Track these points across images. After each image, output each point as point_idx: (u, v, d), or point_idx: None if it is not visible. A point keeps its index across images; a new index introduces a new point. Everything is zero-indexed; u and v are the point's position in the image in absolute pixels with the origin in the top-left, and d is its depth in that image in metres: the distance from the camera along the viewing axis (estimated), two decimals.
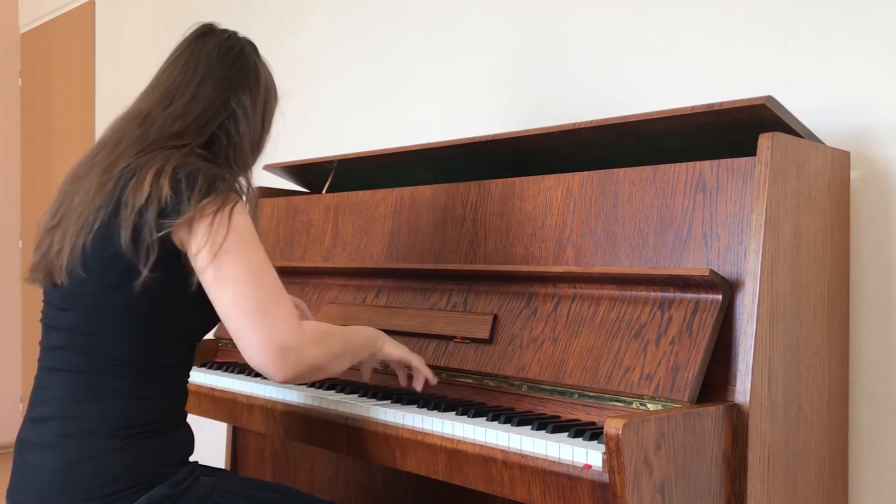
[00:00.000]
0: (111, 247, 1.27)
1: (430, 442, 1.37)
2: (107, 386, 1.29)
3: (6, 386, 4.71)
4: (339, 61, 2.76)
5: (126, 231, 1.26)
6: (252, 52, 1.49)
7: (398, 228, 1.91)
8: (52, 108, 4.51)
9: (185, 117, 1.38)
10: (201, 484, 1.34)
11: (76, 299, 1.31)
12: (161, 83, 1.43)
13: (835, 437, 1.47)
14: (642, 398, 1.33)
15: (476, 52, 2.32)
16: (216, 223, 1.26)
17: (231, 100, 1.41)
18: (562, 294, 1.52)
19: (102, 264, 1.28)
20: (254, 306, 1.25)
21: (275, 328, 1.25)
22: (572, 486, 1.17)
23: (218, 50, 1.45)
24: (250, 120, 1.43)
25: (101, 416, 1.28)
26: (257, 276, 1.27)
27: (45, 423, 1.31)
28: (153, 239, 1.25)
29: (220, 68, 1.43)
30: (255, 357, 1.26)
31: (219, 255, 1.25)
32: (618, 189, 1.52)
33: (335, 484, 2.11)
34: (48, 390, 1.33)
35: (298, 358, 1.27)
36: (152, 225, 1.25)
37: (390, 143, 2.43)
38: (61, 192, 1.40)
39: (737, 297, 1.32)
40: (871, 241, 1.58)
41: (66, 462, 1.27)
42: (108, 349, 1.30)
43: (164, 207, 1.26)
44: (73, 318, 1.32)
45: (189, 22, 1.54)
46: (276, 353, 1.25)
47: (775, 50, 1.72)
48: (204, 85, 1.41)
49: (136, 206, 1.26)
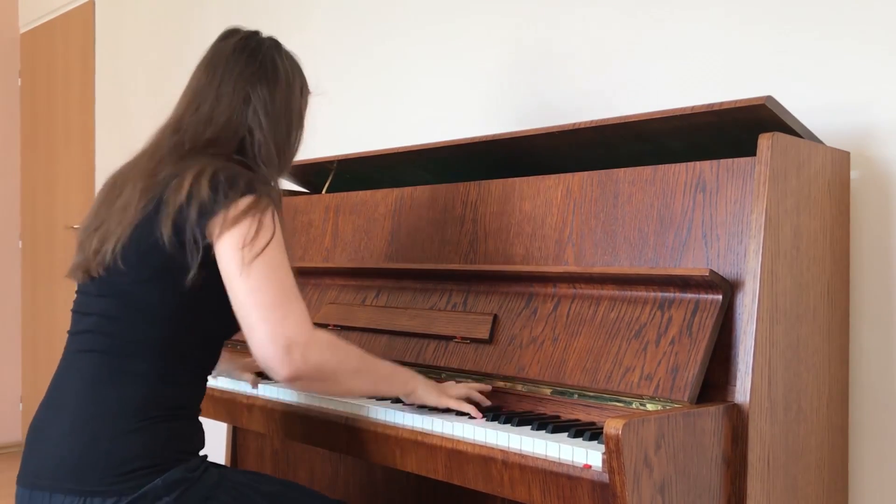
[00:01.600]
0: (150, 240, 1.30)
1: (430, 442, 1.37)
2: (129, 368, 1.32)
3: (6, 386, 4.71)
4: (339, 61, 2.76)
5: (167, 228, 1.29)
6: (271, 48, 1.49)
7: (398, 228, 1.91)
8: (52, 108, 4.50)
9: (214, 122, 1.41)
10: (211, 474, 1.36)
11: (111, 287, 1.35)
12: (189, 89, 1.47)
13: (835, 437, 1.47)
14: (642, 398, 1.33)
15: (476, 52, 2.32)
16: (248, 219, 1.29)
17: (251, 96, 1.43)
18: (562, 294, 1.52)
19: (140, 257, 1.32)
20: (267, 298, 1.27)
21: (284, 321, 1.27)
22: (572, 486, 1.17)
23: (233, 49, 1.47)
24: (271, 114, 1.44)
25: (120, 398, 1.30)
26: (276, 273, 1.29)
27: (64, 405, 1.33)
28: (195, 236, 1.29)
29: (237, 67, 1.45)
30: (261, 348, 1.27)
31: (243, 248, 1.28)
32: (618, 189, 1.51)
33: (335, 483, 2.11)
34: (72, 371, 1.36)
35: (303, 355, 1.27)
36: (193, 222, 1.29)
37: (390, 143, 2.43)
38: (101, 197, 1.43)
39: (737, 297, 1.32)
40: (871, 241, 1.58)
41: (83, 441, 1.29)
42: (134, 333, 1.33)
43: (204, 205, 1.29)
44: (105, 304, 1.35)
45: (189, 22, 1.55)
46: (282, 346, 1.26)
47: (775, 50, 1.72)
48: (224, 86, 1.43)
49: (176, 203, 1.30)
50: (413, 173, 2.08)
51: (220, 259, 1.30)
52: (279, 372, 1.27)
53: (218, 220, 1.29)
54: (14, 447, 4.53)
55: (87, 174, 4.17)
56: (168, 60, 3.57)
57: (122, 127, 3.91)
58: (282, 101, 1.47)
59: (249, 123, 1.43)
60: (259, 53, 1.47)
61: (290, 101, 1.49)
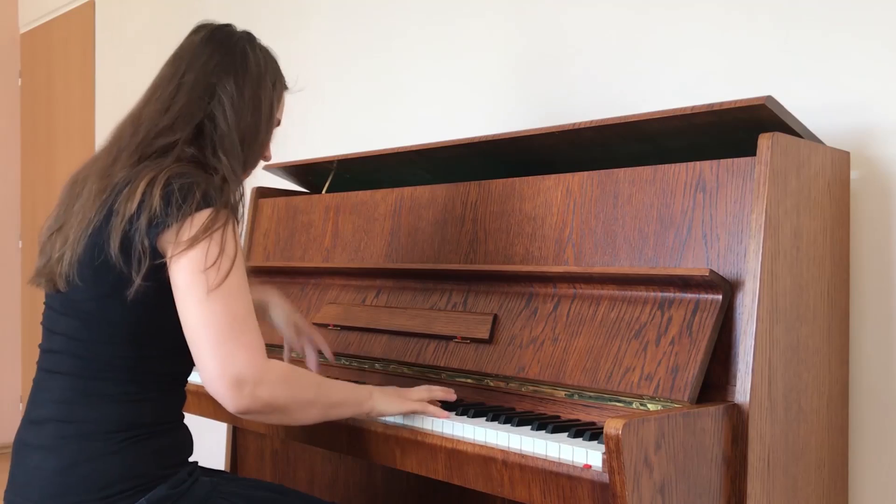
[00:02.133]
0: (101, 255, 1.26)
1: (430, 442, 1.37)
2: (101, 390, 1.29)
3: (6, 386, 4.71)
4: (339, 61, 2.76)
5: (115, 240, 1.25)
6: (242, 40, 1.44)
7: (398, 228, 1.91)
8: (52, 108, 4.50)
9: (171, 109, 1.35)
10: (201, 484, 1.34)
11: (73, 305, 1.31)
12: (152, 83, 1.42)
13: (835, 437, 1.47)
14: (642, 398, 1.33)
15: (476, 52, 2.32)
16: (204, 241, 1.24)
17: (216, 86, 1.37)
18: (562, 294, 1.52)
19: (94, 273, 1.28)
20: (218, 333, 1.22)
21: (232, 358, 1.22)
22: (572, 486, 1.17)
23: (201, 40, 1.42)
24: (237, 105, 1.38)
25: (97, 419, 1.28)
26: (227, 302, 1.23)
27: (42, 424, 1.31)
28: (143, 247, 1.24)
29: (203, 57, 1.40)
30: (210, 384, 1.23)
31: (195, 270, 1.23)
32: (618, 189, 1.51)
33: (335, 484, 2.11)
34: (45, 392, 1.33)
35: (252, 392, 1.23)
36: (143, 233, 1.24)
37: (390, 143, 2.43)
38: (62, 197, 1.40)
39: (737, 297, 1.32)
40: (871, 241, 1.58)
41: (63, 464, 1.27)
42: (102, 354, 1.30)
43: (154, 216, 1.24)
44: (70, 324, 1.32)
45: (189, 22, 1.54)
46: (231, 383, 1.21)
47: (775, 50, 1.72)
48: (187, 75, 1.38)
49: (126, 214, 1.25)
50: (413, 173, 2.08)
51: (173, 282, 1.25)
52: (228, 407, 1.24)
53: (170, 235, 1.24)
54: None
55: None
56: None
57: None
58: (251, 94, 1.40)
59: (212, 111, 1.36)
60: (228, 44, 1.42)
61: (260, 94, 1.42)
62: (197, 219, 1.24)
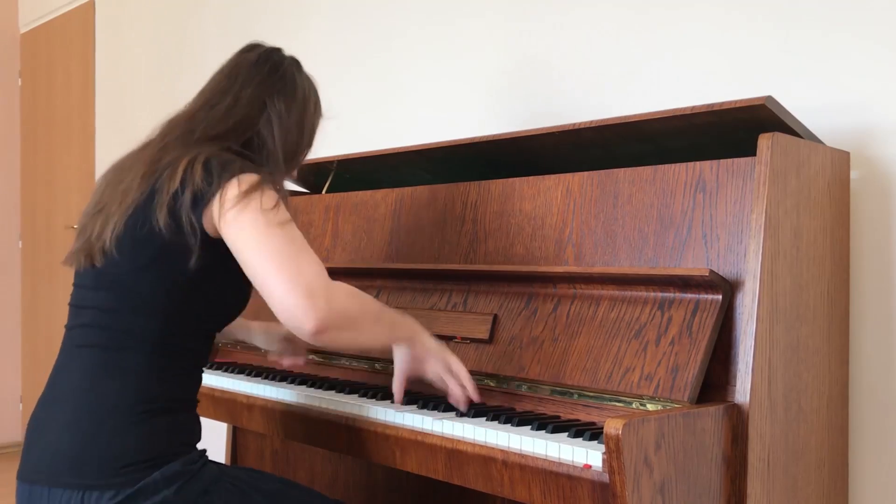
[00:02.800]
0: (146, 226, 1.31)
1: (430, 442, 1.37)
2: (124, 362, 1.32)
3: (6, 386, 4.71)
4: (339, 62, 2.76)
5: (163, 214, 1.30)
6: (292, 65, 1.54)
7: (398, 228, 1.91)
8: (52, 108, 4.50)
9: (227, 120, 1.44)
10: (210, 468, 1.37)
11: (107, 278, 1.35)
12: (206, 90, 1.50)
13: (835, 437, 1.47)
14: (642, 398, 1.33)
15: (476, 52, 2.32)
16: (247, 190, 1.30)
17: (267, 104, 1.47)
18: (562, 294, 1.52)
19: (134, 244, 1.33)
20: (279, 249, 1.27)
21: (302, 269, 1.26)
22: (572, 486, 1.17)
23: (256, 59, 1.51)
24: (284, 125, 1.48)
25: (118, 392, 1.31)
26: (283, 228, 1.30)
27: (62, 400, 1.34)
28: (192, 223, 1.30)
29: (258, 76, 1.49)
30: (283, 301, 1.25)
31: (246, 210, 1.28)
32: (618, 189, 1.52)
33: (335, 484, 2.12)
34: (69, 366, 1.36)
35: (328, 302, 1.26)
36: (188, 209, 1.30)
37: (390, 143, 2.43)
38: (104, 182, 1.44)
39: (737, 297, 1.32)
40: (871, 241, 1.58)
41: (81, 438, 1.29)
42: (130, 326, 1.33)
43: (197, 189, 1.30)
44: (102, 297, 1.36)
45: (189, 22, 1.55)
46: (303, 294, 1.24)
47: (775, 49, 1.72)
48: (244, 91, 1.47)
49: (170, 190, 1.31)
50: (413, 173, 2.08)
51: (226, 235, 1.30)
52: (305, 324, 1.25)
53: (214, 206, 1.30)
54: (14, 447, 4.53)
55: (87, 174, 4.17)
56: (168, 60, 3.57)
57: (122, 127, 3.91)
58: (296, 115, 1.51)
59: (261, 128, 1.46)
60: (281, 68, 1.51)
61: (304, 117, 1.53)
62: (236, 182, 1.30)
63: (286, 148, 1.49)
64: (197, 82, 1.54)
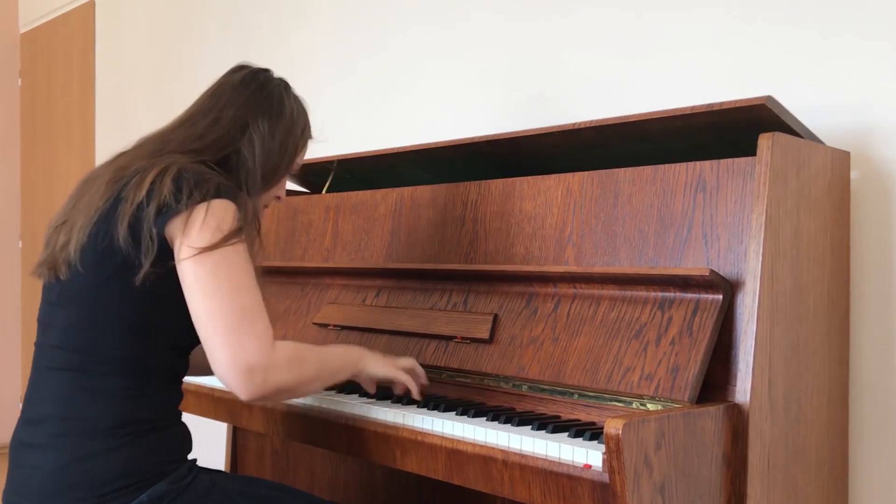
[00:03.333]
0: (106, 239, 1.28)
1: (430, 442, 1.37)
2: (100, 385, 1.29)
3: (6, 386, 4.71)
4: (340, 61, 2.76)
5: (123, 224, 1.26)
6: (279, 87, 1.50)
7: (398, 228, 1.91)
8: (52, 108, 4.50)
9: (205, 137, 1.41)
10: (201, 481, 1.35)
11: (72, 294, 1.31)
12: (188, 111, 1.47)
13: (835, 437, 1.47)
14: (642, 398, 1.33)
15: (476, 52, 2.32)
16: (211, 226, 1.26)
17: (250, 124, 1.43)
18: (562, 294, 1.52)
19: (97, 258, 1.29)
20: (226, 322, 1.24)
21: (243, 347, 1.24)
22: (572, 486, 1.17)
23: (243, 80, 1.48)
24: (266, 146, 1.44)
25: (96, 414, 1.28)
26: (236, 292, 1.26)
27: (40, 423, 1.31)
28: (151, 235, 1.25)
29: (243, 96, 1.45)
30: (222, 373, 1.25)
31: (204, 260, 1.25)
32: (618, 189, 1.52)
33: (335, 484, 2.11)
34: (43, 389, 1.33)
35: (264, 380, 1.25)
36: (151, 220, 1.26)
37: (390, 143, 2.43)
38: (72, 195, 1.41)
39: (737, 297, 1.32)
40: (871, 241, 1.58)
41: (62, 462, 1.26)
42: (101, 346, 1.30)
43: (164, 203, 1.26)
44: (67, 314, 1.32)
45: (189, 23, 1.55)
46: (242, 372, 1.24)
47: (775, 50, 1.72)
48: (226, 110, 1.43)
49: (135, 200, 1.27)
50: (413, 173, 2.08)
51: (180, 270, 1.27)
52: (240, 395, 1.26)
53: (179, 223, 1.26)
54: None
55: None
56: (168, 60, 3.57)
57: (122, 127, 3.91)
58: (280, 137, 1.46)
59: (241, 148, 1.42)
60: (267, 88, 1.48)
61: (288, 139, 1.48)
62: (206, 207, 1.27)
63: (266, 168, 1.45)
64: (197, 82, 1.53)
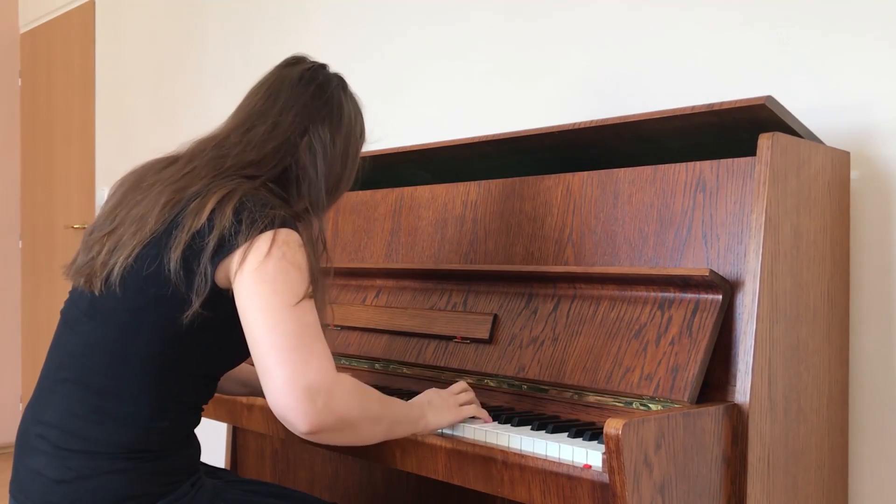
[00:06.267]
0: (154, 264, 1.20)
1: (429, 442, 1.37)
2: (114, 410, 1.23)
3: (6, 386, 4.71)
4: (340, 61, 2.75)
5: (176, 252, 1.18)
6: (338, 87, 1.41)
7: (398, 228, 1.91)
8: (52, 108, 4.50)
9: (263, 146, 1.31)
10: (203, 495, 1.31)
11: (104, 312, 1.25)
12: (243, 109, 1.38)
13: (835, 437, 1.47)
14: (642, 398, 1.33)
15: (476, 52, 2.32)
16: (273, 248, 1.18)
17: (310, 132, 1.34)
18: (562, 294, 1.52)
19: (140, 283, 1.21)
20: (287, 340, 1.14)
21: (306, 365, 1.14)
22: (572, 486, 1.17)
23: (300, 78, 1.38)
24: (328, 157, 1.36)
25: (104, 439, 1.22)
26: (298, 310, 1.17)
27: (48, 426, 1.27)
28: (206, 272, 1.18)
29: (302, 98, 1.36)
30: (279, 395, 1.13)
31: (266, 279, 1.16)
32: (618, 189, 1.51)
33: (335, 484, 2.11)
34: (56, 395, 1.28)
35: (326, 404, 1.14)
36: (209, 254, 1.18)
37: (390, 143, 2.43)
38: (119, 197, 1.33)
39: (737, 297, 1.32)
40: (871, 241, 1.58)
41: (65, 476, 1.23)
42: (122, 374, 1.23)
43: (224, 237, 1.18)
44: (94, 328, 1.25)
45: (189, 23, 1.54)
46: (303, 393, 1.12)
47: (775, 49, 1.72)
48: (284, 114, 1.34)
49: (192, 228, 1.19)
50: (413, 173, 2.08)
51: (239, 294, 1.18)
52: (299, 425, 1.14)
53: (237, 255, 1.18)
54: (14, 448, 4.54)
55: (87, 174, 4.17)
56: (168, 60, 3.57)
57: (122, 127, 3.91)
58: (342, 146, 1.38)
59: (301, 157, 1.33)
60: (327, 90, 1.38)
61: (349, 146, 1.40)
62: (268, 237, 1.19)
63: (329, 182, 1.36)
64: (197, 82, 1.53)
